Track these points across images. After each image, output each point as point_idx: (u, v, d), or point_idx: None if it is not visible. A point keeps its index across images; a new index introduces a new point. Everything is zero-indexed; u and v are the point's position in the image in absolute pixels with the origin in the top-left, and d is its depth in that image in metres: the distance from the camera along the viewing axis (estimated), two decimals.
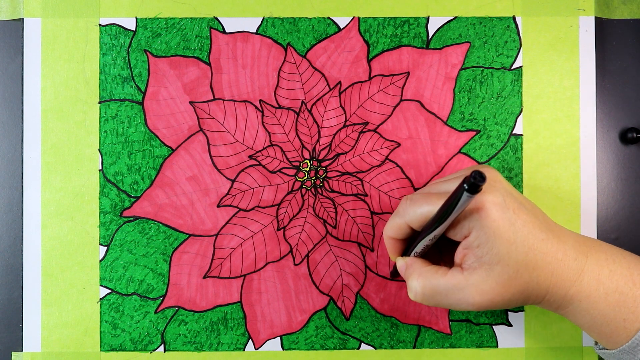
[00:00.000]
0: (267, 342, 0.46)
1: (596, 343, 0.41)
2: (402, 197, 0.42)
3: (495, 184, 0.36)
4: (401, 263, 0.40)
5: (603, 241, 0.41)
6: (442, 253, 0.41)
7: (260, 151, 0.46)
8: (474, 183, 0.32)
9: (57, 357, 0.45)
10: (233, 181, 0.46)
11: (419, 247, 0.38)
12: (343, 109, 0.46)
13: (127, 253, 0.45)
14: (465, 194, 0.33)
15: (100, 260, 0.45)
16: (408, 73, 0.46)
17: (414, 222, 0.38)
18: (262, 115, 0.46)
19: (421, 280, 0.38)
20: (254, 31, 0.46)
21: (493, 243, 0.35)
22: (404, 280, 0.46)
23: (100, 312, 0.45)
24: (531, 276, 0.36)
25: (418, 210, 0.37)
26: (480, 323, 0.46)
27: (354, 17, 0.46)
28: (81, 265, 0.45)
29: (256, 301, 0.46)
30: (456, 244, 0.38)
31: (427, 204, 0.37)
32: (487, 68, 0.46)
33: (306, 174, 0.46)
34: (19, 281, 0.45)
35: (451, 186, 0.38)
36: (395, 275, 0.44)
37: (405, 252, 0.40)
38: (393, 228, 0.39)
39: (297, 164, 0.46)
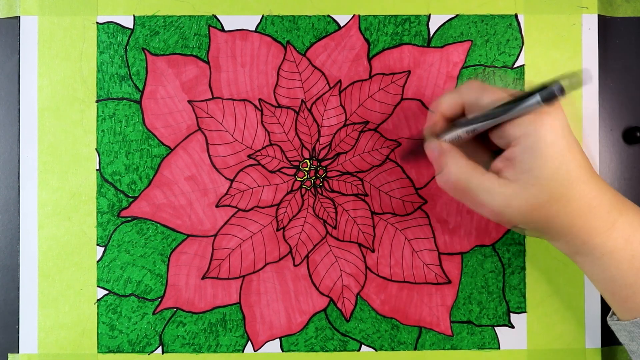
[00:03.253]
0: (267, 343, 0.45)
1: (610, 315, 0.41)
2: (468, 80, 0.40)
3: (560, 111, 0.35)
4: (435, 145, 0.39)
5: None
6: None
7: (259, 151, 0.45)
8: (552, 92, 0.30)
9: (54, 358, 0.45)
10: (232, 181, 0.45)
11: (453, 135, 0.37)
12: (343, 108, 0.46)
13: (124, 254, 0.45)
14: (537, 97, 0.31)
15: (98, 261, 0.45)
16: (409, 72, 0.46)
17: (472, 104, 0.37)
18: (262, 115, 0.45)
19: (459, 170, 0.37)
20: (253, 29, 0.46)
21: (538, 164, 0.34)
22: (410, 163, 0.45)
23: (98, 314, 0.45)
24: (561, 211, 0.35)
25: (482, 94, 0.37)
26: (482, 324, 0.45)
27: (354, 15, 0.46)
28: (78, 266, 0.45)
29: (255, 302, 0.45)
30: (485, 154, 0.37)
31: (493, 93, 0.36)
32: (489, 66, 0.46)
33: (306, 173, 0.46)
34: (16, 282, 0.45)
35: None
36: (407, 157, 0.43)
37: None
38: (447, 102, 0.38)
39: (297, 163, 0.46)
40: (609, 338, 0.45)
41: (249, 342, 0.45)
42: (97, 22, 0.45)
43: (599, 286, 0.38)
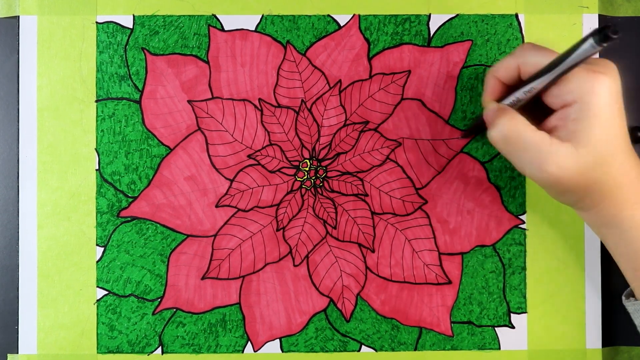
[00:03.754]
0: (267, 344, 0.45)
1: (628, 297, 0.41)
2: (518, 47, 0.40)
3: (615, 73, 0.36)
4: (494, 106, 0.38)
5: None
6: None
7: (259, 150, 0.45)
8: (606, 33, 0.30)
9: (54, 359, 0.45)
10: (232, 181, 0.45)
11: (511, 98, 0.38)
12: (343, 107, 0.45)
13: (124, 254, 0.45)
14: (590, 41, 0.31)
15: (97, 261, 0.45)
16: (409, 71, 0.46)
17: (527, 65, 0.37)
18: (261, 114, 0.45)
19: (512, 122, 0.36)
20: (253, 29, 0.46)
21: (593, 123, 0.34)
22: (474, 137, 0.45)
23: (97, 314, 0.45)
24: (603, 177, 0.35)
25: (537, 54, 0.37)
26: (482, 325, 0.45)
27: (354, 15, 0.46)
28: (78, 266, 0.45)
29: (255, 303, 0.45)
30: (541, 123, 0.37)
31: (547, 51, 0.37)
32: (490, 66, 0.45)
33: (306, 173, 0.46)
34: (15, 282, 0.45)
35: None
36: (471, 131, 0.43)
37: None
38: (502, 67, 0.38)
39: (297, 163, 0.45)
40: (609, 338, 0.45)
41: (249, 342, 0.45)
42: (96, 22, 0.45)
43: (622, 261, 0.38)
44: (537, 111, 0.38)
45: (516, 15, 0.46)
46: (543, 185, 0.38)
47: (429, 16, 0.46)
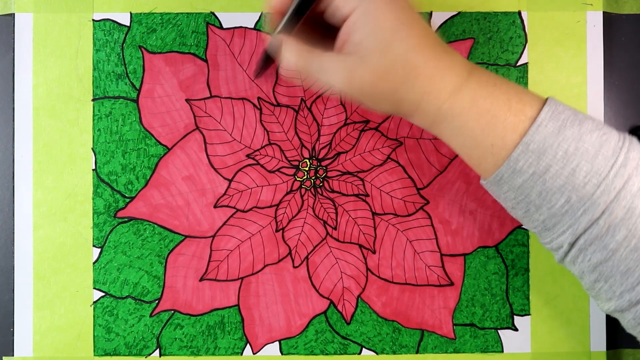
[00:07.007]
0: (266, 346, 0.45)
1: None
2: None
3: None
4: (273, 40, 0.38)
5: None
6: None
7: (258, 150, 0.45)
8: None
9: None
10: (230, 181, 0.45)
11: (284, 23, 0.37)
12: (343, 106, 0.45)
13: (121, 255, 0.45)
14: None
15: (94, 263, 0.45)
16: None
17: None
18: (260, 113, 0.45)
19: (294, 55, 0.36)
20: (252, 27, 0.45)
21: (375, 29, 0.34)
22: (266, 75, 0.44)
23: (94, 316, 0.45)
24: (408, 76, 0.35)
25: None
26: (485, 327, 0.45)
27: None
28: (74, 268, 0.45)
29: (254, 305, 0.45)
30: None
31: None
32: (492, 64, 0.45)
33: (305, 173, 0.45)
34: (10, 284, 0.45)
35: None
36: (260, 72, 0.42)
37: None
38: None
39: (297, 163, 0.45)
40: (614, 341, 0.45)
41: (248, 345, 0.45)
42: (93, 20, 0.45)
43: (460, 153, 0.37)
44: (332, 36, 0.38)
45: (519, 13, 0.45)
46: (354, 100, 0.37)
47: (431, 14, 0.45)
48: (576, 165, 0.34)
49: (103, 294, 0.45)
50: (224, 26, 0.45)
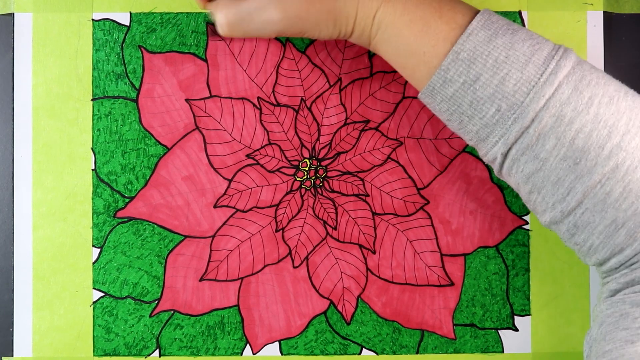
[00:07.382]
0: (266, 346, 0.45)
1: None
2: None
3: None
4: (205, 6, 0.40)
5: None
6: None
7: (258, 150, 0.45)
8: None
9: None
10: (230, 181, 0.45)
11: None
12: (344, 106, 0.45)
13: (121, 255, 0.45)
14: None
15: (94, 263, 0.45)
16: None
17: None
18: (260, 113, 0.45)
19: (224, 10, 0.38)
20: None
21: None
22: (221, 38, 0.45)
23: (94, 316, 0.45)
24: None
25: None
26: (485, 327, 0.45)
27: None
28: (73, 268, 0.45)
29: (254, 305, 0.45)
30: None
31: None
32: None
33: (305, 173, 0.45)
34: (10, 284, 0.45)
35: None
36: (214, 36, 0.44)
37: None
38: None
39: (297, 163, 0.45)
40: None
41: (248, 345, 0.45)
42: (92, 19, 0.45)
43: (396, 64, 0.38)
44: None
45: (519, 13, 0.45)
46: (295, 31, 0.39)
47: None
48: (506, 74, 0.34)
49: (103, 294, 0.45)
50: None
